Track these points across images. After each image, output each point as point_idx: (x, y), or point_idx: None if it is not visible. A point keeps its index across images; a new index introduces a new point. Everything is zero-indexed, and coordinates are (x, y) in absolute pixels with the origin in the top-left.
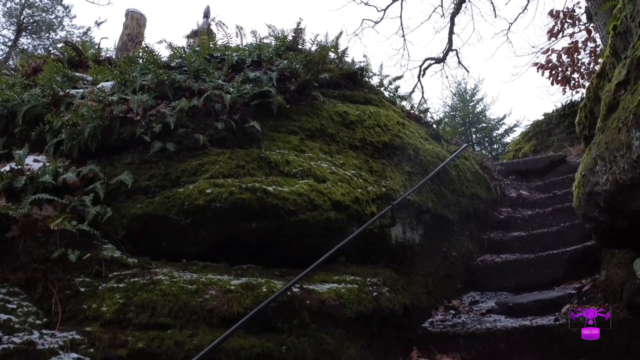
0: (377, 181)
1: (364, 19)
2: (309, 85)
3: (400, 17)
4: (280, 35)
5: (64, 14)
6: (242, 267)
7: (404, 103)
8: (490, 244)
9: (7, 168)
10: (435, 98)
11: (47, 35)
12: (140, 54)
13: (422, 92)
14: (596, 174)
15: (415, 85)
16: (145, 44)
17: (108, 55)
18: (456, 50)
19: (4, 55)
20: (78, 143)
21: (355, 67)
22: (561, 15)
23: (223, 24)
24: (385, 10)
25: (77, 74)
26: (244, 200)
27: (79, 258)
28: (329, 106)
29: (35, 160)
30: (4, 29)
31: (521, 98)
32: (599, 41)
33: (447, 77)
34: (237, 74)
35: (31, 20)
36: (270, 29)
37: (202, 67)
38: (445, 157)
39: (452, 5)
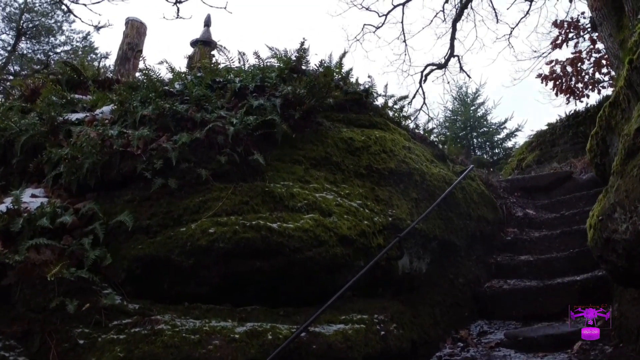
0: (384, 210)
1: (365, 24)
2: (314, 111)
3: (402, 22)
4: (283, 56)
5: (64, 18)
6: (247, 309)
7: (408, 122)
8: (498, 268)
9: (4, 209)
10: (437, 103)
11: (46, 40)
12: (141, 79)
13: (424, 98)
14: (615, 221)
15: (417, 91)
16: (146, 65)
17: (108, 74)
18: (458, 56)
19: (4, 60)
20: (77, 178)
21: (360, 89)
22: (565, 25)
23: (224, 47)
24: (386, 15)
25: (76, 95)
26: (248, 239)
27: (78, 308)
28: (334, 132)
29: (32, 196)
30: (3, 33)
31: (523, 102)
32: (602, 49)
33: (448, 82)
34: (240, 101)
35: (30, 25)
36: (272, 52)
37: (203, 95)
38: (452, 180)
39: (454, 11)
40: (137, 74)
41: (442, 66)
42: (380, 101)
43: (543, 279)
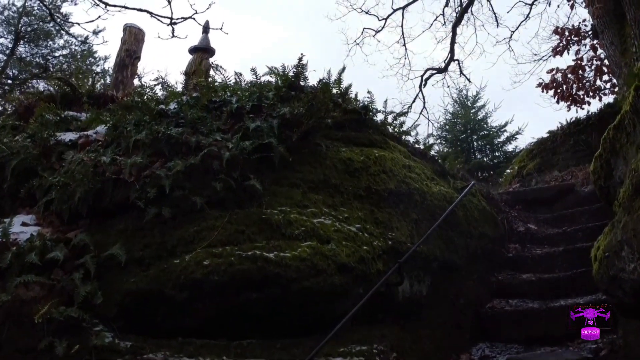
0: (383, 233)
1: (364, 28)
2: (312, 131)
3: (402, 26)
4: (281, 72)
5: (62, 22)
6: (242, 343)
7: (408, 138)
8: (499, 286)
9: None
10: (437, 105)
11: (45, 43)
12: (136, 98)
13: (424, 103)
14: (622, 259)
15: (417, 95)
16: (141, 83)
17: (107, 78)
18: (458, 60)
19: (2, 64)
20: (69, 206)
21: (359, 105)
22: (566, 32)
23: (221, 67)
24: (386, 19)
25: (70, 113)
26: (244, 271)
27: (67, 350)
28: (333, 152)
29: (23, 224)
30: (2, 37)
31: (523, 105)
32: (603, 56)
33: (448, 86)
34: (237, 122)
35: (29, 29)
36: (270, 70)
37: (199, 117)
38: (453, 198)
39: (454, 14)
40: (135, 98)
41: (442, 70)
42: (379, 117)
43: (545, 300)
